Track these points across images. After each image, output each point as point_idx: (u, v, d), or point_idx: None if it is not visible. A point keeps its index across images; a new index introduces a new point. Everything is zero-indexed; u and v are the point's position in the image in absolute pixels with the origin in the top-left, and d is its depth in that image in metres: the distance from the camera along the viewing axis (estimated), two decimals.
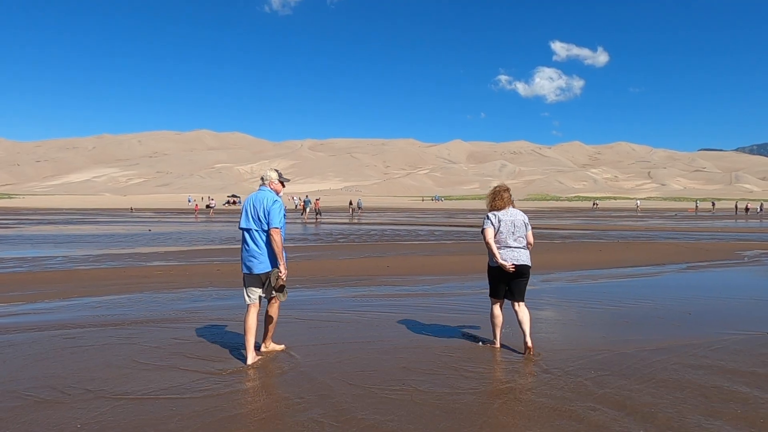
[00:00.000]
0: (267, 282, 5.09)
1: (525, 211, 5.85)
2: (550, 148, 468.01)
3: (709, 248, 17.22)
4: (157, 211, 60.29)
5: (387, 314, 7.25)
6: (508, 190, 5.63)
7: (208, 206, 58.73)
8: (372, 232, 25.54)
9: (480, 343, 5.79)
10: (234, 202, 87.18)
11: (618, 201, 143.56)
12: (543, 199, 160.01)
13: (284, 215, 5.20)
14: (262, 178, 5.31)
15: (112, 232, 25.26)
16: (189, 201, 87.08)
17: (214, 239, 21.02)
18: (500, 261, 5.31)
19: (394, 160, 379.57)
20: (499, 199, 5.55)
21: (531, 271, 5.57)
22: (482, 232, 5.53)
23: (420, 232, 25.86)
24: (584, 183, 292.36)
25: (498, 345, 5.59)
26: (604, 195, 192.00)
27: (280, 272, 5.01)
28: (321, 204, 45.69)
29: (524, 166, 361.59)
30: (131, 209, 63.40)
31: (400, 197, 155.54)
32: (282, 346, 5.53)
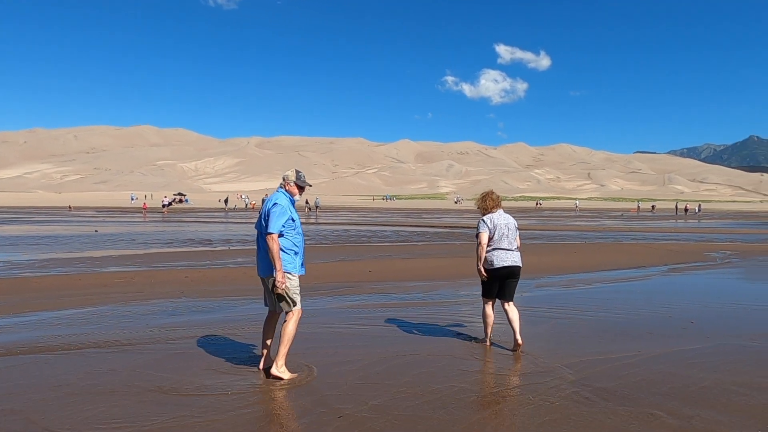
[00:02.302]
0: (271, 290, 4.76)
1: (475, 212, 6.04)
2: (495, 149, 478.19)
3: (678, 249, 17.40)
4: (99, 209, 57.01)
5: (392, 327, 6.58)
6: (494, 192, 5.95)
7: (168, 204, 55.96)
8: (336, 233, 24.72)
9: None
10: (181, 201, 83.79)
11: (561, 201, 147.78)
12: None
13: (291, 219, 4.72)
14: (283, 179, 5.01)
15: (54, 232, 23.33)
16: (132, 199, 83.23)
17: (173, 241, 19.66)
18: (481, 268, 5.66)
19: (342, 158, 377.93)
20: (489, 200, 5.82)
21: (523, 275, 5.91)
22: (477, 236, 5.75)
23: (385, 233, 25.24)
24: (528, 183, 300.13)
25: (489, 343, 5.83)
26: (548, 195, 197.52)
27: (277, 279, 4.57)
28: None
29: (471, 167, 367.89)
30: (70, 207, 59.74)
31: (350, 196, 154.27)
32: (295, 374, 4.77)
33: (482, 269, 5.64)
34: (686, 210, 68.72)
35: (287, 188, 4.90)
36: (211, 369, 4.95)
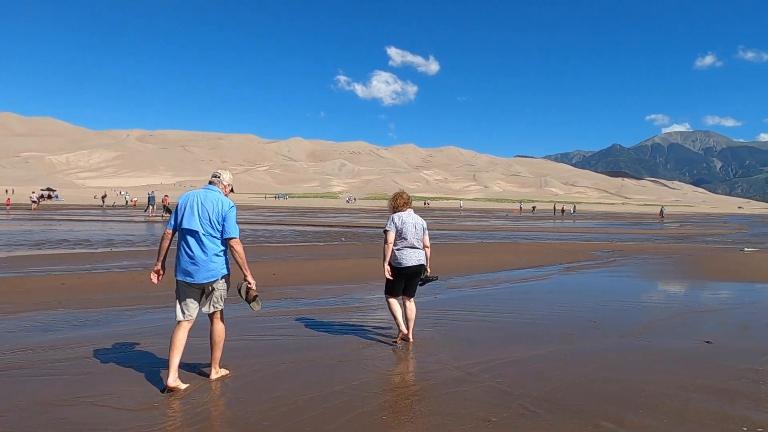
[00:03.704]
0: (210, 294, 4.50)
1: (369, 212, 6.35)
2: (386, 149, 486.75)
3: (567, 249, 18.37)
4: None
5: (305, 336, 6.05)
6: (405, 192, 6.14)
7: (38, 199, 50.23)
8: None
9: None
10: (50, 196, 75.85)
11: (449, 201, 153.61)
12: (383, 198, 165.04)
13: None
14: (215, 176, 4.72)
15: None
16: None
17: (44, 242, 17.41)
18: (387, 268, 5.76)
19: (231, 155, 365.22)
20: (399, 199, 6.02)
21: (431, 274, 6.12)
22: (385, 233, 5.85)
23: (283, 233, 24.34)
24: (418, 183, 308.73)
25: (405, 330, 5.88)
26: (436, 195, 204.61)
27: (249, 283, 4.57)
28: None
29: (363, 166, 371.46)
30: None
31: (240, 194, 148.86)
32: (227, 371, 4.77)
33: (388, 267, 5.76)
34: (563, 211, 74.06)
35: (225, 191, 4.67)
36: (108, 402, 4.15)
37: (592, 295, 9.47)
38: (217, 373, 4.64)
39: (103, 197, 63.61)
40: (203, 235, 4.40)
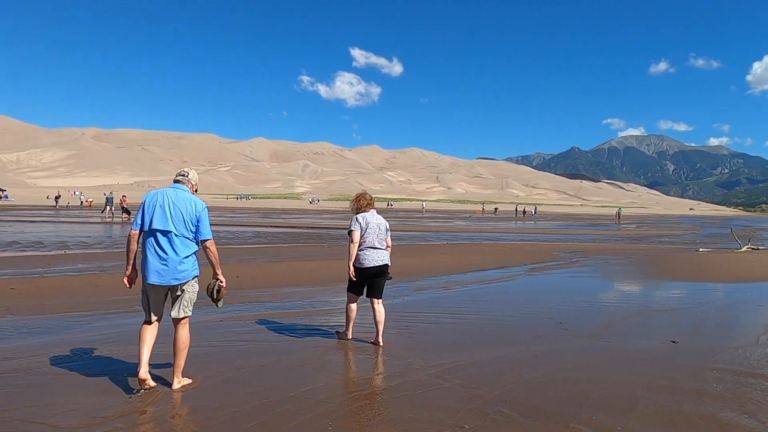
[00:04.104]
0: (179, 296, 4.37)
1: (333, 213, 6.47)
2: (350, 150, 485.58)
3: (531, 250, 18.60)
4: None
5: (273, 341, 5.88)
6: (368, 193, 6.15)
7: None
8: None
9: None
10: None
11: (412, 202, 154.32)
12: (346, 199, 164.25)
13: None
14: (182, 175, 4.60)
15: None
16: None
17: None
18: (351, 268, 5.77)
19: (192, 155, 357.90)
20: (362, 199, 6.05)
21: (400, 277, 6.45)
22: (349, 233, 5.86)
23: (246, 234, 23.89)
24: (382, 185, 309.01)
25: (350, 337, 6.00)
26: (400, 197, 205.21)
27: (221, 281, 4.54)
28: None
29: (326, 167, 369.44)
30: None
31: (201, 195, 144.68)
32: (190, 381, 4.53)
33: (352, 268, 5.78)
34: (524, 212, 75.21)
35: (193, 191, 4.58)
36: (55, 419, 3.89)
37: (558, 296, 9.56)
38: (180, 382, 4.43)
39: (57, 197, 61.25)
40: (176, 236, 4.27)
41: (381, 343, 5.82)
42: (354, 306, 5.97)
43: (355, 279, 5.81)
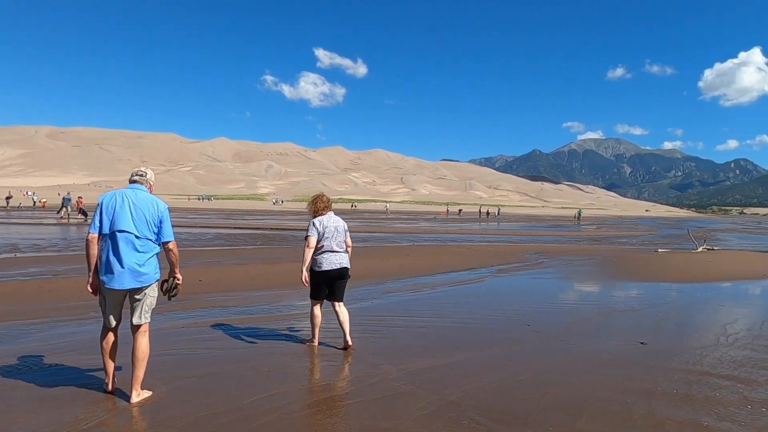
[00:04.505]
0: (140, 301, 4.20)
1: (297, 214, 6.36)
2: (315, 151, 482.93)
3: (496, 251, 18.72)
4: None
5: (233, 349, 5.66)
6: (325, 195, 6.04)
7: None
8: None
9: None
10: None
11: (377, 203, 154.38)
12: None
13: None
14: (140, 175, 4.40)
15: None
16: None
17: None
18: (305, 273, 5.63)
19: (152, 155, 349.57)
20: (319, 201, 5.91)
21: (368, 280, 6.41)
22: (306, 239, 5.73)
23: (208, 236, 23.35)
24: (346, 186, 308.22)
25: (316, 343, 5.87)
26: (365, 198, 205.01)
27: (178, 279, 4.41)
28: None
29: (290, 168, 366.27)
30: None
31: (161, 195, 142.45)
32: (150, 393, 4.29)
33: (306, 273, 5.68)
34: (488, 213, 76.21)
35: (151, 191, 4.42)
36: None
37: (525, 297, 9.61)
38: (138, 395, 4.17)
39: (8, 198, 58.79)
40: (138, 237, 4.12)
41: (350, 343, 5.74)
42: (318, 312, 5.87)
43: (307, 285, 5.72)
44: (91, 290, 4.20)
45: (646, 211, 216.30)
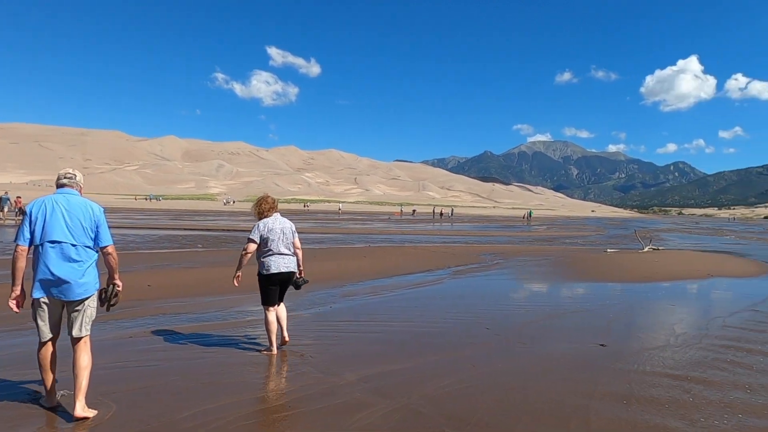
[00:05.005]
0: (80, 313, 3.93)
1: (249, 214, 6.16)
2: (267, 150, 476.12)
3: (452, 252, 18.81)
4: None
5: (181, 360, 5.38)
6: (270, 196, 5.91)
7: None
8: None
9: None
10: None
11: (330, 204, 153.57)
12: None
13: None
14: (68, 178, 4.11)
15: None
16: None
17: None
18: (238, 274, 5.71)
19: (96, 153, 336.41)
20: (264, 203, 5.79)
21: (326, 283, 6.23)
22: (248, 241, 5.60)
23: (158, 238, 22.50)
24: (299, 186, 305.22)
25: (275, 351, 5.67)
26: (318, 198, 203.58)
27: (118, 285, 4.19)
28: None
29: (242, 167, 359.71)
30: None
31: (105, 195, 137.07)
32: (95, 411, 3.93)
33: (239, 274, 5.70)
34: (441, 214, 76.95)
35: (81, 194, 4.17)
36: None
37: (483, 299, 9.63)
38: (83, 408, 3.85)
39: None
40: (75, 246, 3.88)
41: (287, 338, 5.88)
42: (273, 318, 5.72)
43: (237, 285, 5.76)
44: (14, 306, 3.87)
45: (592, 211, 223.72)
